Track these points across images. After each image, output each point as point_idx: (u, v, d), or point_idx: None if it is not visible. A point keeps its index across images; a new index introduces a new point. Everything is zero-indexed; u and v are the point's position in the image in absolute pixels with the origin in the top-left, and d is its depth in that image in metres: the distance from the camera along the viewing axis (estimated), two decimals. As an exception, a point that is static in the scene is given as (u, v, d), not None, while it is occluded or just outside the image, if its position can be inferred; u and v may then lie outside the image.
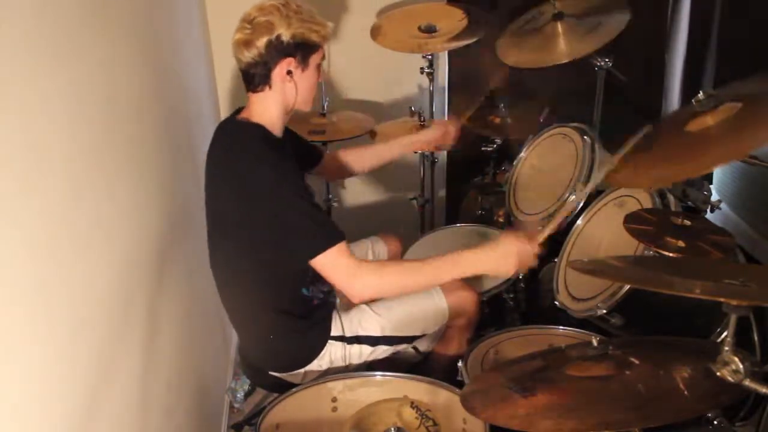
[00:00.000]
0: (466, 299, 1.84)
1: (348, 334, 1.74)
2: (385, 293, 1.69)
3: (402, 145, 2.19)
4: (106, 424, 1.09)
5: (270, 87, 1.61)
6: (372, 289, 1.60)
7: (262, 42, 1.56)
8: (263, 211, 1.54)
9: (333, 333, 1.73)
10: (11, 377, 0.80)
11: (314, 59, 1.64)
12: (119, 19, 1.38)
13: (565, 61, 2.18)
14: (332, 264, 1.54)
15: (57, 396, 0.92)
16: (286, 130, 1.74)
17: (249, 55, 1.58)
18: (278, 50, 1.57)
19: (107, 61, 1.25)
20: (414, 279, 1.61)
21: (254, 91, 1.63)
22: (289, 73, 1.60)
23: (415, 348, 1.86)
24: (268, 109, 1.63)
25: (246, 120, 1.64)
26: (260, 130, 1.62)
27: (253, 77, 1.61)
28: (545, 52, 2.24)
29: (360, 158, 2.13)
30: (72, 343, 0.97)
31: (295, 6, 1.59)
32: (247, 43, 1.57)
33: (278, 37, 1.56)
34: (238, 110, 1.70)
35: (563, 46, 2.23)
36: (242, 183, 1.56)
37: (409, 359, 1.89)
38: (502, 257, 1.58)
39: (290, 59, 1.59)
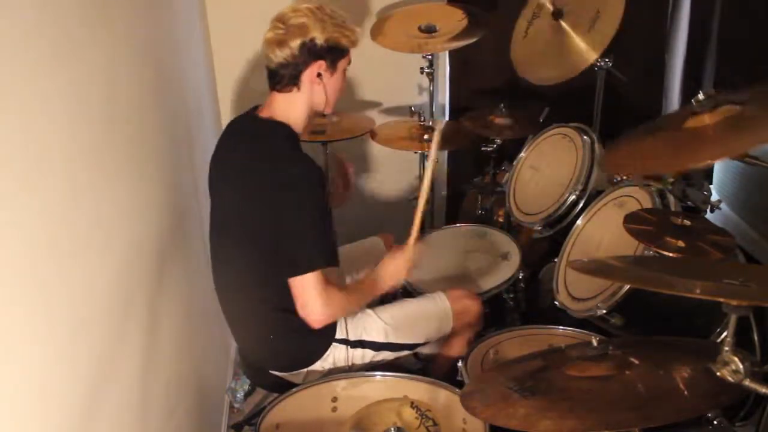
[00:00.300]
0: (470, 308, 1.84)
1: (352, 338, 1.74)
2: (342, 315, 1.71)
3: None
4: (106, 424, 1.09)
5: (298, 88, 1.62)
6: (337, 311, 1.62)
7: (295, 43, 1.57)
8: (277, 209, 1.54)
9: (337, 336, 1.73)
10: (11, 377, 0.80)
11: (342, 64, 1.66)
12: (119, 19, 1.38)
13: (595, 57, 2.15)
14: (316, 281, 1.54)
15: (57, 396, 0.92)
16: None
17: (281, 55, 1.58)
18: (311, 53, 1.58)
19: (107, 61, 1.25)
20: (358, 301, 1.71)
21: (280, 90, 1.63)
22: (318, 75, 1.61)
23: (415, 355, 1.86)
24: (294, 110, 1.64)
25: (271, 118, 1.64)
26: (287, 129, 1.62)
27: (282, 77, 1.62)
28: (570, 58, 2.20)
29: None
30: (72, 343, 0.97)
31: (329, 10, 1.60)
32: (280, 43, 1.58)
33: (312, 39, 1.57)
34: (255, 108, 1.70)
35: (583, 44, 2.19)
36: (263, 180, 1.57)
37: (409, 365, 1.89)
38: (392, 268, 1.73)
39: (321, 62, 1.60)
